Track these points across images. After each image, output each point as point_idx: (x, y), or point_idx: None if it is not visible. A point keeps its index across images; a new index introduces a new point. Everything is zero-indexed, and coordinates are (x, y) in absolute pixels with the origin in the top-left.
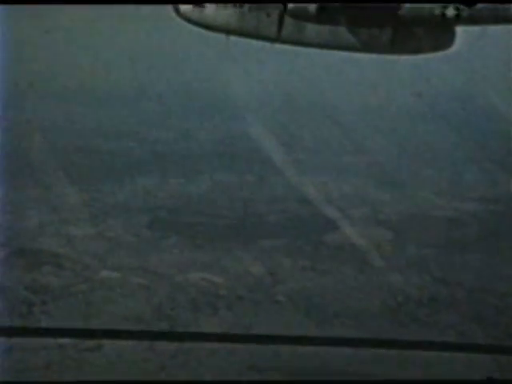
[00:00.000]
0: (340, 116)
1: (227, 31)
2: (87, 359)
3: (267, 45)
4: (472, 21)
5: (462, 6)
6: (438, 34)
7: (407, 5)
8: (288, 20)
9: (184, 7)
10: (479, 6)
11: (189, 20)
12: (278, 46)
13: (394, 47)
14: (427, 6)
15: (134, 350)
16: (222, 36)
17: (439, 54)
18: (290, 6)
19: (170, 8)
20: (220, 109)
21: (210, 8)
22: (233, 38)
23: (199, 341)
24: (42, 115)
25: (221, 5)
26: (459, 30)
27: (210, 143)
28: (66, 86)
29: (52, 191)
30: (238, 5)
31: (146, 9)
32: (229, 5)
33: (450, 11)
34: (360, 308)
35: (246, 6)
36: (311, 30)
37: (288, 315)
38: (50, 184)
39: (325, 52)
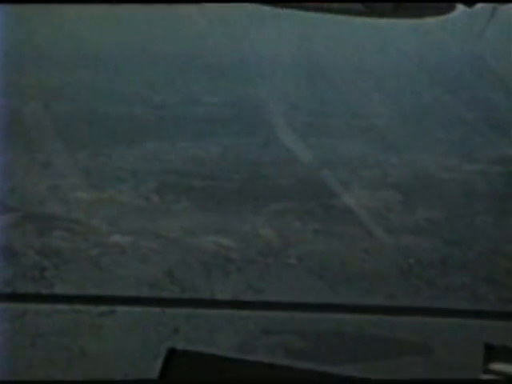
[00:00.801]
0: (348, 80)
1: None
2: (101, 324)
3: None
4: None
5: None
6: None
7: None
8: None
9: None
10: None
11: None
12: (280, 11)
13: (397, 12)
14: None
15: (146, 314)
16: None
17: (441, 19)
18: None
19: None
20: (229, 72)
21: None
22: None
23: (211, 307)
24: (45, 79)
25: None
26: None
27: (217, 107)
28: (69, 50)
29: (60, 156)
30: None
31: None
32: None
33: None
34: (372, 270)
35: None
36: None
37: (300, 278)
38: (58, 149)
39: (328, 18)
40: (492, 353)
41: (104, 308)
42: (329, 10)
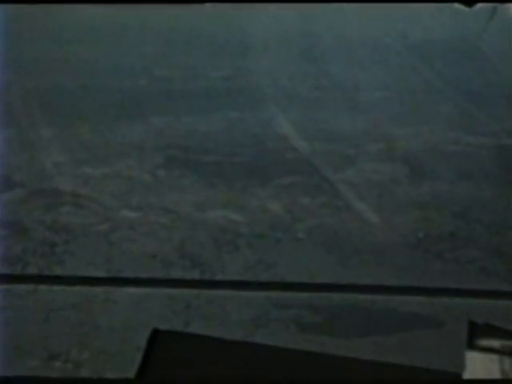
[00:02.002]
0: (349, 54)
1: None
2: (113, 299)
3: None
4: None
5: None
6: None
7: None
8: None
9: None
10: None
11: None
12: None
13: None
14: None
15: (156, 295)
16: None
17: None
18: None
19: None
20: (230, 46)
21: None
22: None
23: (219, 287)
24: (48, 53)
25: None
26: None
27: (220, 80)
28: (67, 23)
29: (64, 131)
30: None
31: None
32: None
33: None
34: (381, 244)
35: None
36: None
37: (309, 252)
38: (62, 124)
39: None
40: (476, 330)
41: (114, 289)
42: None
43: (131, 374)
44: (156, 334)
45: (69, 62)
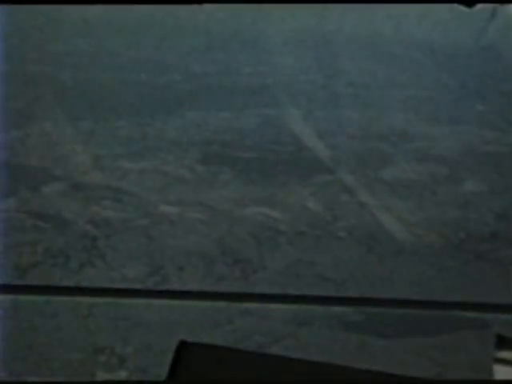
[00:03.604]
0: (384, 51)
1: None
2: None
3: None
4: None
5: None
6: None
7: None
8: None
9: None
10: None
11: None
12: None
13: None
14: None
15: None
16: None
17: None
18: None
19: None
20: (265, 43)
21: None
22: None
23: (249, 301)
24: (78, 46)
25: None
26: None
27: (254, 77)
28: (100, 20)
29: (101, 125)
30: None
31: None
32: None
33: None
34: (422, 244)
35: None
36: None
37: (350, 250)
38: (99, 117)
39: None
40: (503, 342)
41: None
42: None
43: None
44: (183, 346)
45: (101, 55)
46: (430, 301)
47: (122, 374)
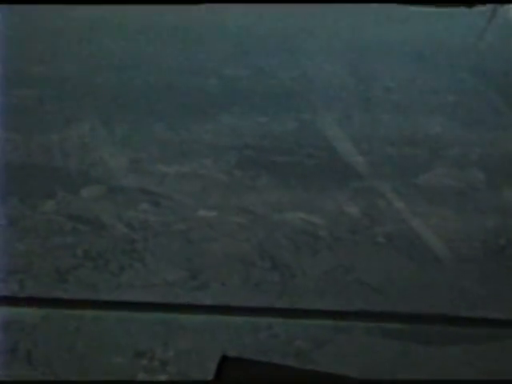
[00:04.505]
0: (417, 56)
1: None
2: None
3: None
4: None
5: None
6: None
7: None
8: None
9: None
10: None
11: None
12: None
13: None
14: None
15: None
16: None
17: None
18: None
19: None
20: (297, 47)
21: None
22: None
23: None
24: (116, 52)
25: None
26: None
27: (289, 81)
28: (137, 23)
29: (138, 128)
30: None
31: None
32: None
33: None
34: (462, 251)
35: None
36: None
37: (389, 257)
38: (135, 121)
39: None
40: None
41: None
42: None
43: None
44: (224, 361)
45: (138, 58)
46: (471, 317)
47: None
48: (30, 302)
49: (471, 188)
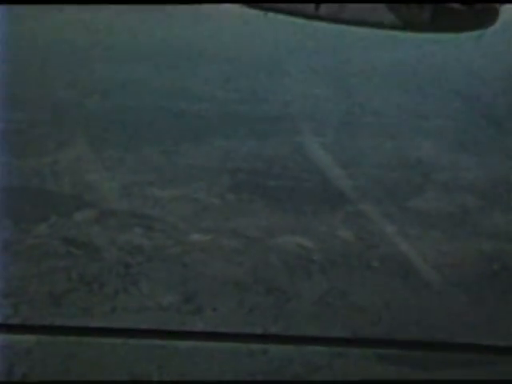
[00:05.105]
0: (407, 81)
1: (266, 8)
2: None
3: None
4: None
5: None
6: (481, 12)
7: None
8: None
9: None
10: None
11: None
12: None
13: (435, 25)
14: None
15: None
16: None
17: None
18: None
19: None
20: (284, 71)
21: None
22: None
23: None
24: (107, 75)
25: None
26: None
27: (279, 104)
28: (128, 46)
29: (130, 152)
30: None
31: None
32: None
33: None
34: (456, 275)
35: None
36: (350, 7)
37: (384, 281)
38: (127, 145)
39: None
40: None
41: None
42: (366, 24)
43: None
44: None
45: (130, 82)
46: (464, 343)
47: None
48: (25, 327)
49: (462, 212)
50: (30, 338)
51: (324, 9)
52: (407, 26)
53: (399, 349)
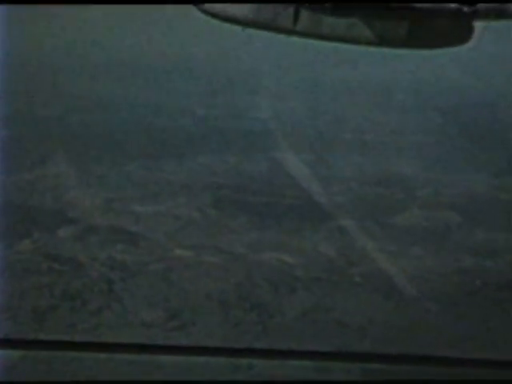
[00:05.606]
0: (387, 98)
1: (243, 23)
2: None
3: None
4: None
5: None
6: (456, 29)
7: None
8: (304, 13)
9: None
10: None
11: (206, 12)
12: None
13: (411, 41)
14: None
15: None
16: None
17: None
18: None
19: None
20: (266, 88)
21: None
22: (249, 31)
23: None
24: (91, 92)
25: None
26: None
27: (260, 121)
28: (109, 61)
29: (112, 168)
30: None
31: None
32: None
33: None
34: (439, 291)
35: None
36: (327, 23)
37: (367, 297)
38: (110, 161)
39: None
40: None
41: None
42: (342, 40)
43: None
44: None
45: (109, 99)
46: (447, 357)
47: None
48: (8, 343)
49: (445, 228)
50: (14, 354)
51: (301, 24)
52: (383, 42)
53: (383, 363)
